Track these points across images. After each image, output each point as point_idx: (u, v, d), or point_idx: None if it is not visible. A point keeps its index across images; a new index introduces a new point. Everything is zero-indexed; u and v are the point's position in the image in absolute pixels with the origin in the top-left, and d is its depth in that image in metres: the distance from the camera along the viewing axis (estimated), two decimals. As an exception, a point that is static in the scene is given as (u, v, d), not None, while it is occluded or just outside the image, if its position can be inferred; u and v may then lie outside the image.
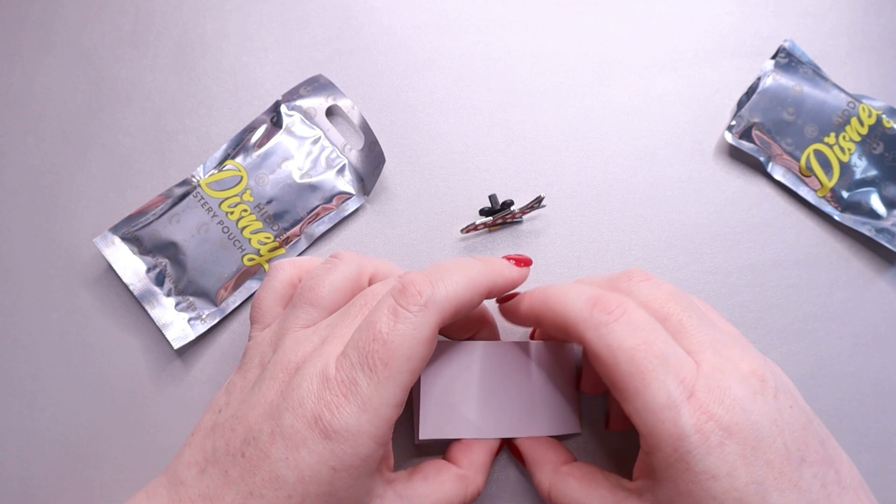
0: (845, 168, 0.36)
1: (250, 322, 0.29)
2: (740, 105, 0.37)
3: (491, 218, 0.34)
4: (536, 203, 0.34)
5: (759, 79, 0.37)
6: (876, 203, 0.36)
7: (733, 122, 0.37)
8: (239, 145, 0.36)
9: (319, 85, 0.37)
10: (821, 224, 0.36)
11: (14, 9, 0.39)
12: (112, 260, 0.34)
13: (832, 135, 0.36)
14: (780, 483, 0.22)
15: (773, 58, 0.38)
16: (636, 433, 0.32)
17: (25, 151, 0.37)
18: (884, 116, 0.36)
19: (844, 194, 0.36)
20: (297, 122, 0.36)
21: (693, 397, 0.23)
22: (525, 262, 0.29)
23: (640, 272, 0.28)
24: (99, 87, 0.38)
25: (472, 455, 0.29)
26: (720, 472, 0.22)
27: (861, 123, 0.36)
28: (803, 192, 0.36)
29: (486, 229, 0.36)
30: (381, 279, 0.29)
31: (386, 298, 0.24)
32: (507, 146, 0.37)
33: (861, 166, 0.36)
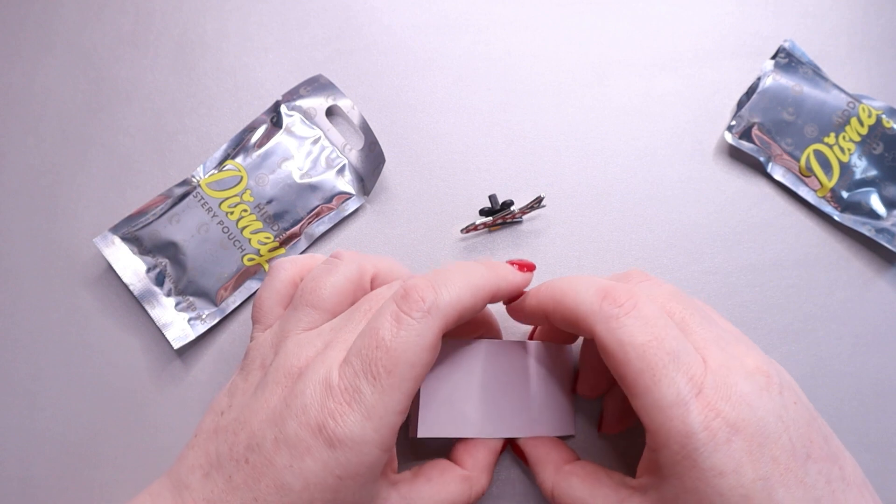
0: (845, 168, 0.36)
1: (252, 322, 0.29)
2: (740, 105, 0.37)
3: (491, 218, 0.34)
4: (536, 203, 0.34)
5: (759, 79, 0.37)
6: (876, 203, 0.36)
7: (733, 122, 0.37)
8: (239, 145, 0.36)
9: (319, 85, 0.37)
10: (821, 224, 0.36)
11: (14, 9, 0.39)
12: (112, 260, 0.34)
13: (832, 135, 0.36)
14: (786, 479, 0.22)
15: (773, 58, 0.38)
16: (630, 435, 0.32)
17: (25, 151, 0.37)
18: (884, 116, 0.36)
19: (844, 194, 0.36)
20: (297, 122, 0.36)
21: (701, 394, 0.23)
22: (529, 268, 0.29)
23: (639, 273, 0.28)
24: (99, 87, 0.38)
25: (476, 455, 0.29)
26: (727, 468, 0.22)
27: (861, 123, 0.36)
28: (803, 192, 0.36)
29: (486, 229, 0.36)
30: (382, 278, 0.29)
31: (389, 304, 0.24)
32: (507, 146, 0.37)
33: (861, 166, 0.36)
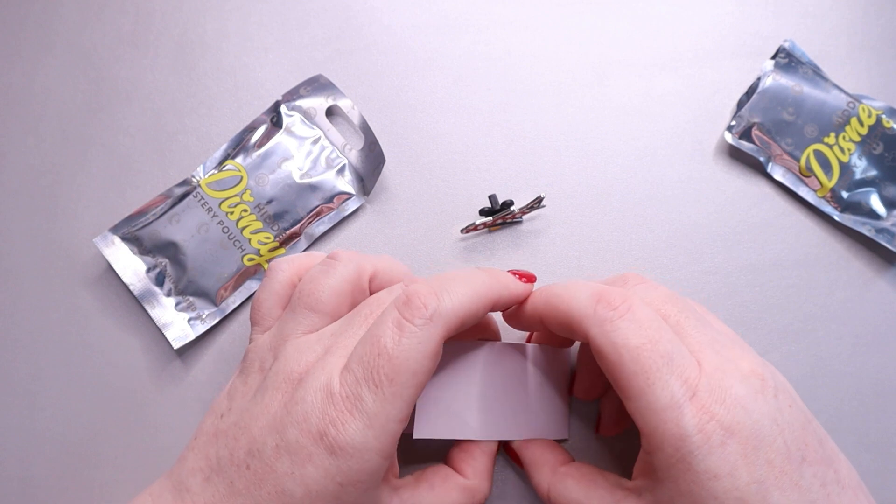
0: (845, 168, 0.36)
1: (250, 324, 0.29)
2: (740, 105, 0.37)
3: (491, 218, 0.34)
4: (536, 203, 0.34)
5: (759, 79, 0.37)
6: (876, 203, 0.36)
7: (733, 122, 0.37)
8: (239, 145, 0.36)
9: (319, 85, 0.37)
10: (821, 224, 0.36)
11: (14, 9, 0.39)
12: (112, 260, 0.34)
13: (832, 135, 0.36)
14: (781, 482, 0.22)
15: (773, 58, 0.38)
16: (626, 437, 0.32)
17: (25, 151, 0.37)
18: (884, 116, 0.36)
19: (844, 194, 0.36)
20: (297, 122, 0.36)
21: (695, 397, 0.23)
22: (529, 279, 0.29)
23: (635, 276, 0.28)
24: (99, 87, 0.38)
25: (476, 461, 0.29)
26: (721, 471, 0.22)
27: (861, 123, 0.36)
28: (803, 192, 0.36)
29: (486, 229, 0.36)
30: (381, 277, 0.29)
31: (390, 310, 0.24)
32: (507, 146, 0.37)
33: (861, 166, 0.36)
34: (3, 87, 0.38)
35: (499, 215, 0.34)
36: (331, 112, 0.37)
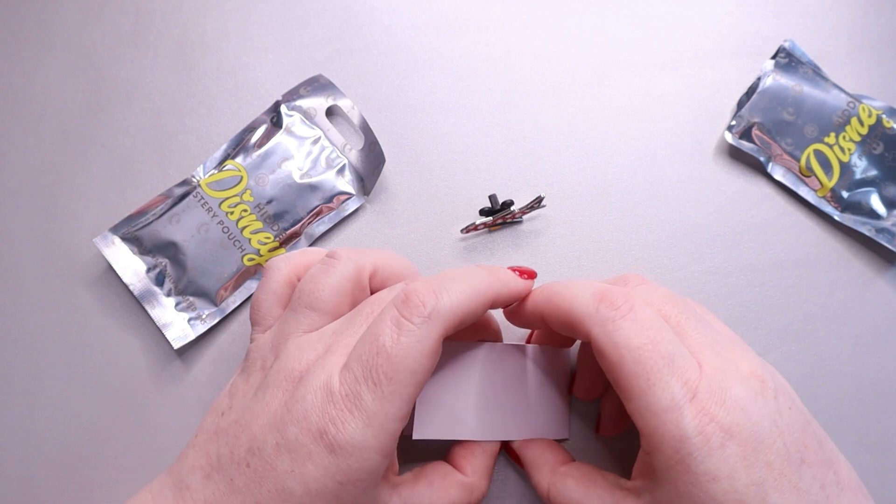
0: (845, 168, 0.36)
1: (251, 324, 0.29)
2: (740, 105, 0.37)
3: (491, 218, 0.34)
4: (536, 203, 0.34)
5: (759, 79, 0.37)
6: (876, 203, 0.36)
7: (733, 122, 0.37)
8: (239, 145, 0.36)
9: (319, 85, 0.37)
10: (821, 224, 0.36)
11: (14, 9, 0.39)
12: (112, 260, 0.34)
13: (832, 135, 0.36)
14: (780, 484, 0.22)
15: (773, 58, 0.38)
16: (626, 437, 0.32)
17: (25, 151, 0.37)
18: (884, 116, 0.36)
19: (844, 194, 0.36)
20: (297, 122, 0.36)
21: (695, 399, 0.23)
22: (530, 275, 0.29)
23: (636, 276, 0.28)
24: (99, 87, 0.38)
25: (475, 460, 0.29)
26: (721, 473, 0.22)
27: (861, 123, 0.36)
28: (803, 192, 0.36)
29: (486, 229, 0.36)
30: (381, 272, 0.29)
31: (389, 309, 0.24)
32: (507, 146, 0.37)
33: (861, 166, 0.36)
34: (3, 87, 0.38)
35: (499, 215, 0.34)
36: (331, 112, 0.37)
